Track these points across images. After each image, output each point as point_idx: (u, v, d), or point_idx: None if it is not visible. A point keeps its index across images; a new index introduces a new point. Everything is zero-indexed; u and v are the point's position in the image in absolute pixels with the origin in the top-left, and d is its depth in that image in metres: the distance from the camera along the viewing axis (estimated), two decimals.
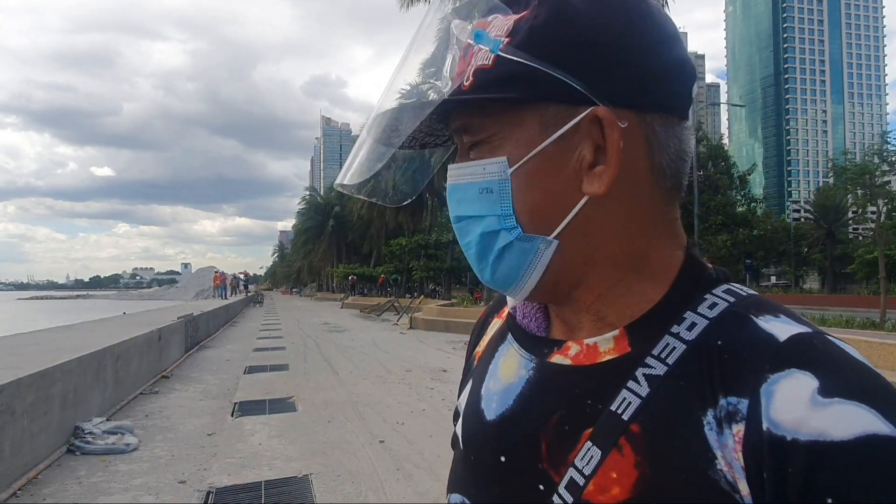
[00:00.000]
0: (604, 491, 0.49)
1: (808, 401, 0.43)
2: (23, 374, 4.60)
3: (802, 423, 0.43)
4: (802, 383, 0.44)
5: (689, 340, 0.51)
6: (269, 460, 4.98)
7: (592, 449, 0.51)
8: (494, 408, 0.61)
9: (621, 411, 0.51)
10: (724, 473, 0.45)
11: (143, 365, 8.20)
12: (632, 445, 0.49)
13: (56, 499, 4.15)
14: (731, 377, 0.47)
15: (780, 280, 66.60)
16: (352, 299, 39.53)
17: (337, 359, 11.26)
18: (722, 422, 0.46)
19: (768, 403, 0.44)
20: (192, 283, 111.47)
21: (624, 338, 0.54)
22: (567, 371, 0.57)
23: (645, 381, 0.51)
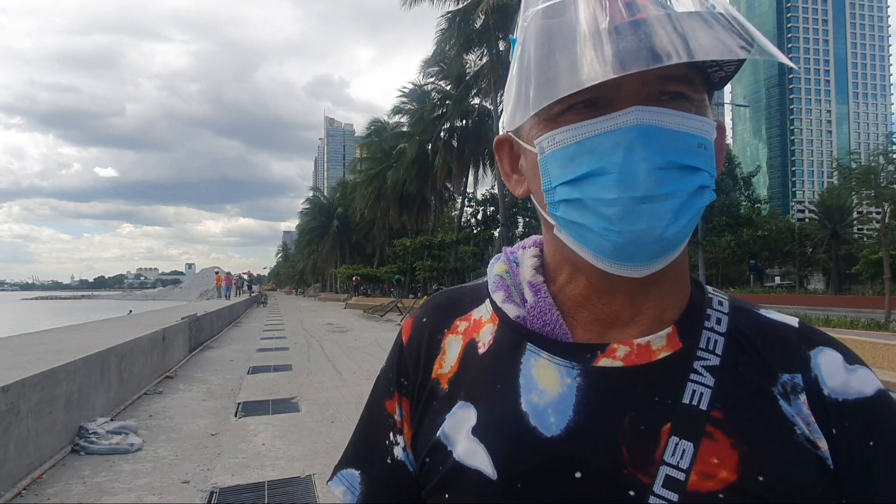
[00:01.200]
0: (710, 477, 0.52)
1: (844, 369, 0.58)
2: (28, 374, 4.61)
3: (846, 385, 0.57)
4: (833, 357, 0.58)
5: (724, 332, 0.59)
6: (272, 460, 4.98)
7: (681, 443, 0.53)
8: (554, 423, 0.56)
9: (696, 402, 0.54)
10: (806, 435, 0.54)
11: (148, 365, 8.22)
12: (721, 430, 0.53)
13: (60, 498, 4.16)
14: (779, 357, 0.58)
15: (785, 280, 66.40)
16: (355, 299, 39.56)
17: (340, 359, 11.27)
18: (788, 394, 0.56)
19: (820, 374, 0.57)
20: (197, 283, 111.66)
21: (675, 335, 0.59)
22: (622, 373, 0.57)
23: (707, 372, 0.56)
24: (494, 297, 0.67)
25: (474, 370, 0.63)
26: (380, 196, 42.28)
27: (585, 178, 0.53)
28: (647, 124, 0.51)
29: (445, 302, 0.72)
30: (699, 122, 0.54)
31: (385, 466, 0.67)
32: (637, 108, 0.51)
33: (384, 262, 47.84)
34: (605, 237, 0.53)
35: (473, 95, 29.84)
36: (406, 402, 0.67)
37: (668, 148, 0.52)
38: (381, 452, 0.68)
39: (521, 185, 0.64)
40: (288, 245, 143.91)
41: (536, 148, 0.57)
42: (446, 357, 0.65)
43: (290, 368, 10.08)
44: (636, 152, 0.51)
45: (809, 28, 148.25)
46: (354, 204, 50.22)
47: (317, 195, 75.66)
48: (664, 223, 0.52)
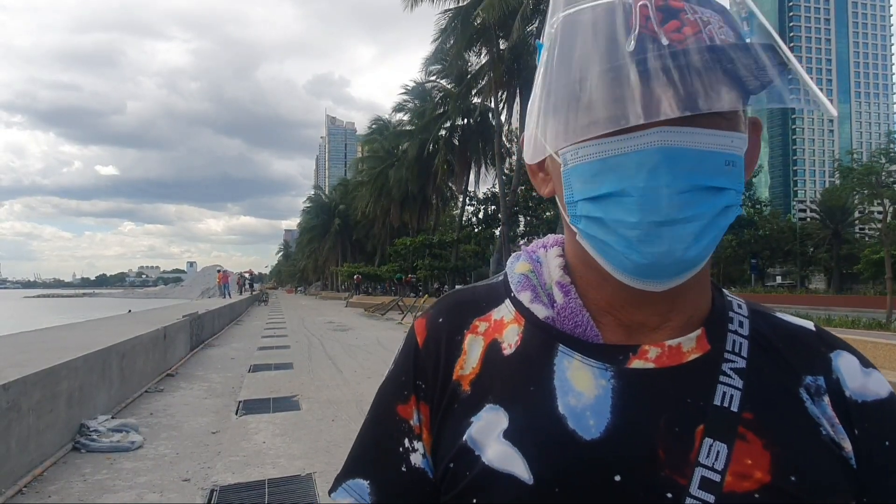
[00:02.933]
0: (745, 478, 0.52)
1: (861, 372, 0.60)
2: (29, 372, 4.62)
3: (864, 387, 0.59)
4: (850, 360, 0.60)
5: (746, 336, 0.60)
6: (272, 459, 4.98)
7: (715, 444, 0.53)
8: (593, 425, 0.56)
9: (727, 404, 0.55)
10: (831, 436, 0.56)
11: (149, 363, 8.23)
12: (753, 432, 0.54)
13: (61, 496, 4.17)
14: (802, 360, 0.59)
15: (786, 280, 66.34)
16: (356, 298, 39.57)
17: (341, 357, 11.27)
18: (813, 395, 0.57)
19: (841, 377, 0.59)
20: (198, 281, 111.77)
21: (704, 337, 0.59)
22: (654, 374, 0.57)
23: (735, 374, 0.57)
24: (520, 297, 0.65)
25: (501, 372, 0.61)
26: (381, 195, 42.30)
27: (607, 196, 0.52)
28: (671, 146, 0.50)
29: (461, 302, 0.69)
30: (728, 139, 0.52)
31: (399, 475, 0.63)
32: (662, 129, 0.50)
33: (385, 261, 47.85)
34: (626, 256, 0.53)
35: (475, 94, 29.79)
36: (425, 406, 0.64)
37: (693, 169, 0.51)
38: (394, 460, 0.64)
39: (546, 184, 0.63)
40: (289, 243, 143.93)
41: (560, 158, 0.56)
42: (467, 358, 0.63)
43: (291, 367, 10.08)
44: (659, 176, 0.50)
45: (811, 27, 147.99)
46: (356, 202, 50.21)
47: (318, 193, 75.71)
48: (684, 246, 0.51)
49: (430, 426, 0.63)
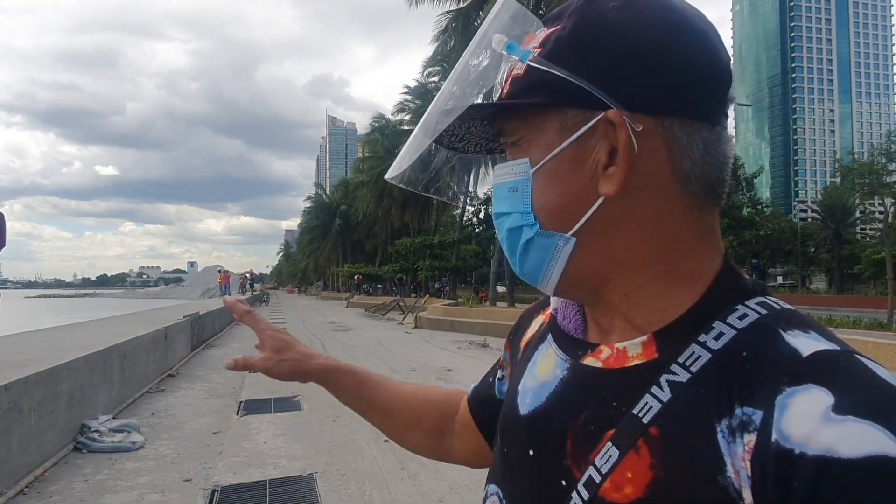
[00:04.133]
0: (619, 489, 0.51)
1: (821, 416, 0.43)
2: (30, 372, 4.62)
3: (812, 437, 0.42)
4: (818, 398, 0.44)
5: (715, 350, 0.52)
6: (274, 459, 4.99)
7: (612, 449, 0.53)
8: (528, 403, 0.64)
9: (642, 415, 0.52)
10: (732, 481, 0.46)
11: (150, 363, 8.24)
12: (649, 448, 0.51)
13: (63, 496, 4.17)
14: (749, 388, 0.48)
15: (787, 280, 66.28)
16: (357, 298, 39.58)
17: (342, 358, 11.08)
18: (735, 431, 0.47)
19: (780, 415, 0.45)
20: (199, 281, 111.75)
21: (652, 344, 0.56)
22: (597, 373, 0.59)
23: (668, 386, 0.52)
24: None
25: (529, 348, 0.73)
26: (383, 195, 42.28)
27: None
28: (493, 182, 0.63)
29: None
30: (508, 168, 0.60)
31: (487, 384, 0.86)
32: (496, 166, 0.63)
33: (386, 261, 47.85)
34: None
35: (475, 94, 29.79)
36: (510, 349, 0.81)
37: (496, 199, 0.62)
38: (491, 374, 0.87)
39: None
40: (290, 244, 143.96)
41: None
42: (530, 332, 0.77)
43: None
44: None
45: (812, 27, 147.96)
46: (357, 203, 50.20)
47: (319, 193, 75.68)
48: (511, 261, 0.62)
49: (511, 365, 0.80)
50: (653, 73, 0.53)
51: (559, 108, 0.56)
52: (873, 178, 23.33)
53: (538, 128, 0.57)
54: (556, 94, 0.55)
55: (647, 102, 0.53)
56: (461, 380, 8.78)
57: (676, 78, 0.53)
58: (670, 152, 0.54)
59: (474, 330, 16.38)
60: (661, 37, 0.53)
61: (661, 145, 0.54)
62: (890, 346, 7.35)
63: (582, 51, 0.54)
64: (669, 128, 0.54)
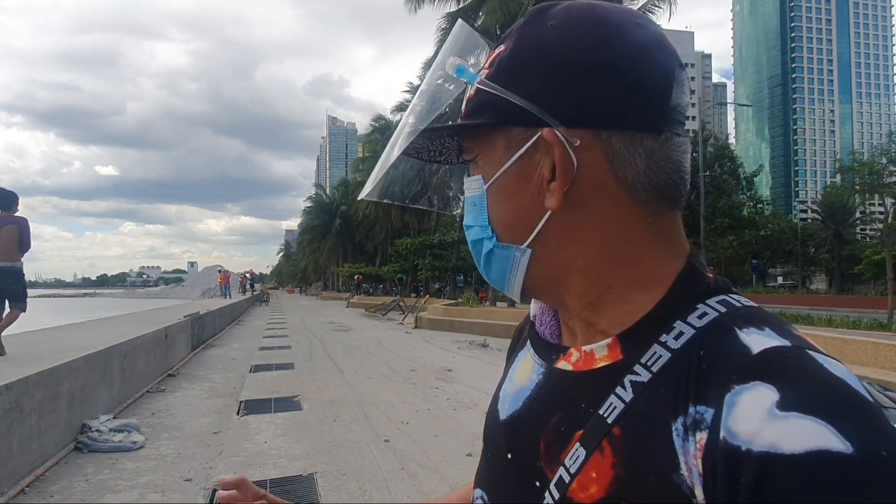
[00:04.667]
0: (584, 489, 0.53)
1: (766, 413, 0.44)
2: (31, 372, 4.63)
3: (757, 434, 0.43)
4: (763, 395, 0.45)
5: (675, 349, 0.53)
6: (274, 459, 4.99)
7: (580, 449, 0.54)
8: (506, 409, 0.66)
9: (607, 415, 0.54)
10: (686, 479, 0.47)
11: (150, 363, 8.24)
12: (612, 447, 0.52)
13: (63, 496, 4.18)
14: (702, 387, 0.49)
15: (787, 280, 66.27)
16: (357, 298, 39.58)
17: (342, 358, 11.28)
18: (688, 429, 0.48)
19: (728, 413, 0.46)
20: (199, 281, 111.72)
21: (616, 346, 0.57)
22: (568, 376, 0.61)
23: (630, 387, 0.54)
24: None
25: (512, 356, 0.75)
26: None
27: None
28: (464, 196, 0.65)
29: None
30: (469, 183, 0.64)
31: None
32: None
33: (386, 261, 47.85)
34: None
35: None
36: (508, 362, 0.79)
37: (465, 211, 0.65)
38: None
39: None
40: (290, 244, 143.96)
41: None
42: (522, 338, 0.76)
43: (292, 367, 10.10)
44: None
45: (813, 28, 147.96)
46: (357, 203, 50.19)
47: (319, 194, 75.66)
48: (481, 270, 0.64)
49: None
50: (587, 88, 0.55)
51: (505, 127, 0.59)
52: (873, 178, 23.32)
53: (490, 146, 0.60)
54: (500, 114, 0.58)
55: (582, 117, 0.55)
56: (461, 379, 8.78)
57: (610, 92, 0.55)
58: (611, 163, 0.55)
59: (474, 330, 16.38)
60: (592, 53, 0.55)
61: (601, 157, 0.55)
62: (890, 346, 7.35)
63: (520, 70, 0.57)
64: (608, 140, 0.55)
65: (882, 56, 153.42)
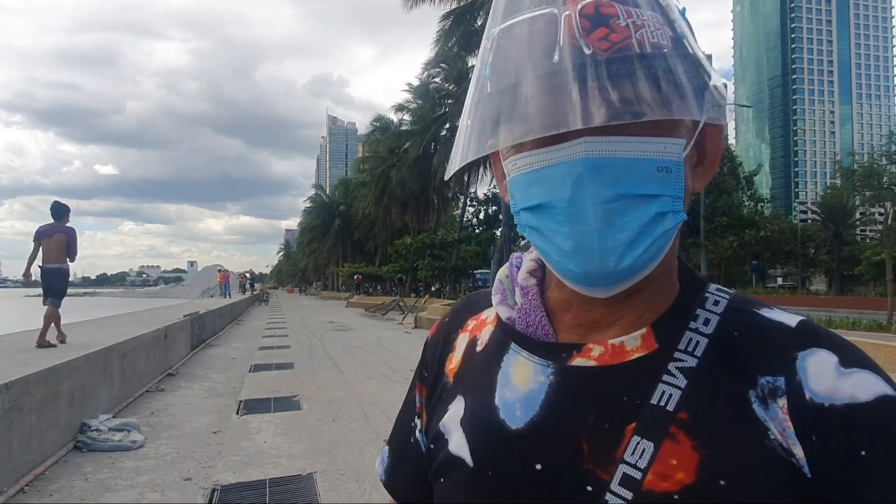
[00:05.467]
0: (666, 478, 0.52)
1: (834, 372, 0.53)
2: (31, 371, 4.63)
3: (835, 390, 0.52)
4: (825, 359, 0.54)
5: (709, 334, 0.57)
6: (273, 458, 4.99)
7: (642, 442, 0.53)
8: (519, 416, 0.59)
9: (664, 403, 0.54)
10: (780, 441, 0.52)
11: (150, 363, 8.25)
12: (685, 432, 0.53)
13: (63, 495, 4.18)
14: (762, 359, 0.55)
15: (787, 281, 66.27)
16: (357, 298, 39.58)
17: (342, 357, 11.28)
18: (766, 398, 0.53)
19: (805, 378, 0.53)
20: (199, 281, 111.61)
21: (650, 336, 0.58)
22: (593, 372, 0.58)
23: (680, 373, 0.55)
24: (493, 300, 0.71)
25: (471, 366, 0.68)
26: (383, 194, 42.28)
27: (540, 207, 0.55)
28: (595, 157, 0.51)
29: (468, 303, 0.77)
30: (661, 145, 0.52)
31: (407, 445, 0.75)
32: (586, 139, 0.51)
33: (386, 261, 47.85)
34: (564, 266, 0.55)
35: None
36: (425, 390, 0.73)
37: (619, 179, 0.51)
38: (407, 431, 0.76)
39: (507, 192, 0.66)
40: (290, 243, 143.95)
41: (505, 168, 0.59)
42: (455, 354, 0.71)
43: (291, 367, 10.10)
44: (584, 187, 0.51)
45: (813, 28, 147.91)
46: (357, 202, 50.20)
47: (319, 193, 75.65)
48: (616, 257, 0.52)
49: (426, 409, 0.72)
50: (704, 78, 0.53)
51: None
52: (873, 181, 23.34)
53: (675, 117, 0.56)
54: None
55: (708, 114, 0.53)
56: None
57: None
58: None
59: None
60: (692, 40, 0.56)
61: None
62: (889, 347, 7.36)
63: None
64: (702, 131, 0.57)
65: (882, 57, 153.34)
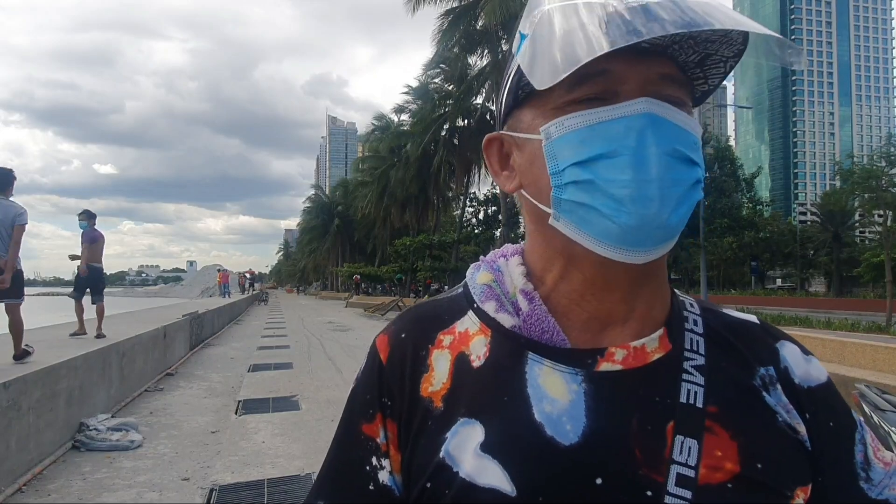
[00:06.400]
0: (717, 470, 0.55)
1: (803, 360, 0.64)
2: (29, 371, 4.63)
3: (808, 374, 0.63)
4: (794, 349, 0.65)
5: (702, 333, 0.63)
6: (272, 458, 4.99)
7: (686, 440, 0.55)
8: (570, 430, 0.56)
9: (692, 401, 0.57)
10: (787, 422, 0.59)
11: (149, 362, 8.24)
12: (719, 425, 0.57)
13: (61, 494, 4.17)
14: (754, 353, 0.63)
15: (786, 283, 66.30)
16: (356, 298, 39.56)
17: (341, 358, 11.27)
18: (768, 385, 0.61)
19: (789, 366, 0.63)
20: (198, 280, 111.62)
21: (665, 336, 0.62)
22: (622, 376, 0.59)
23: (696, 371, 0.60)
24: (485, 308, 0.65)
25: (472, 384, 0.60)
26: (383, 194, 42.25)
27: (598, 159, 0.55)
28: (657, 114, 0.55)
29: (423, 316, 0.68)
30: (695, 123, 0.58)
31: (364, 495, 0.62)
32: (647, 98, 0.55)
33: (386, 261, 47.82)
34: (615, 219, 0.54)
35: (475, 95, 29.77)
36: (392, 423, 0.62)
37: (674, 138, 0.55)
38: (361, 480, 0.62)
39: (511, 180, 0.65)
40: (289, 243, 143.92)
41: (543, 134, 0.58)
42: (435, 374, 0.62)
43: (290, 367, 10.09)
44: (648, 137, 0.54)
45: (813, 30, 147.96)
46: (356, 202, 50.16)
47: (318, 193, 75.62)
48: (669, 209, 0.54)
49: (399, 444, 0.62)
50: None
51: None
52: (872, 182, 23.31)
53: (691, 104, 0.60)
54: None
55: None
56: None
57: None
58: None
59: None
60: None
61: None
62: (888, 349, 7.35)
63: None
64: None
65: (882, 59, 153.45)
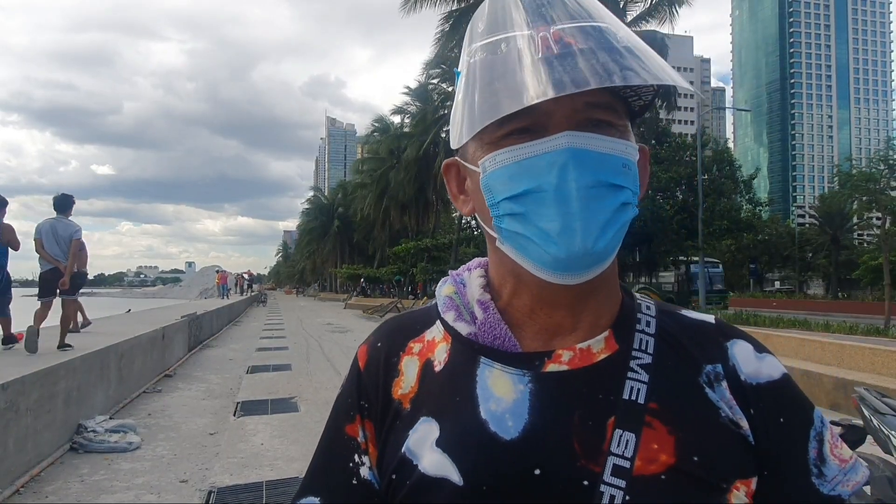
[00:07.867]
0: (652, 462, 0.58)
1: (754, 358, 0.66)
2: (27, 372, 4.62)
3: (758, 371, 0.65)
4: (745, 347, 0.67)
5: (653, 334, 0.66)
6: (270, 460, 4.98)
7: (625, 434, 0.59)
8: (511, 426, 0.61)
9: (634, 397, 0.61)
10: (730, 417, 0.62)
11: (147, 363, 8.23)
12: (658, 420, 0.60)
13: (58, 496, 4.17)
14: (702, 351, 0.66)
15: (784, 285, 66.36)
16: (355, 300, 39.56)
17: (340, 359, 11.27)
18: (712, 382, 0.64)
19: (737, 364, 0.65)
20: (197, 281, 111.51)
21: (612, 338, 0.65)
22: (567, 376, 0.63)
23: (641, 369, 0.63)
24: (446, 318, 0.71)
25: (433, 387, 0.67)
26: (383, 196, 42.23)
27: (527, 194, 0.59)
28: (577, 147, 0.58)
29: (398, 326, 0.76)
30: (623, 146, 0.61)
31: (349, 489, 0.68)
32: (568, 132, 0.58)
33: (385, 263, 47.80)
34: (546, 249, 0.59)
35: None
36: (369, 423, 0.69)
37: (596, 168, 0.58)
38: (345, 476, 0.69)
39: (467, 204, 0.71)
40: (288, 244, 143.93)
41: (480, 168, 0.63)
42: (404, 378, 0.69)
43: (289, 368, 10.08)
44: (568, 172, 0.58)
45: (812, 33, 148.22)
46: (355, 204, 50.15)
47: (317, 195, 75.62)
48: (594, 237, 0.58)
49: (376, 442, 0.69)
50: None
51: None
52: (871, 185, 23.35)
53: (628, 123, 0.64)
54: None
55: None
56: None
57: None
58: None
59: None
60: None
61: None
62: (886, 351, 7.35)
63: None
64: None
65: (880, 61, 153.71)
